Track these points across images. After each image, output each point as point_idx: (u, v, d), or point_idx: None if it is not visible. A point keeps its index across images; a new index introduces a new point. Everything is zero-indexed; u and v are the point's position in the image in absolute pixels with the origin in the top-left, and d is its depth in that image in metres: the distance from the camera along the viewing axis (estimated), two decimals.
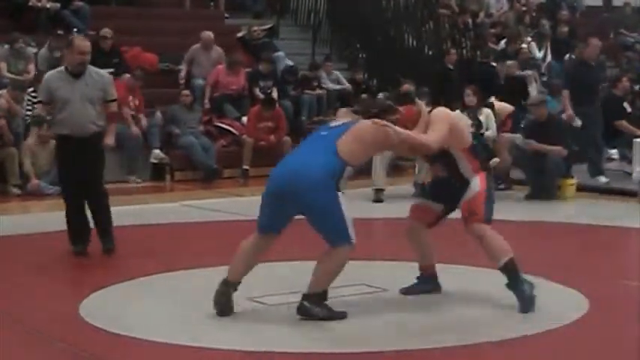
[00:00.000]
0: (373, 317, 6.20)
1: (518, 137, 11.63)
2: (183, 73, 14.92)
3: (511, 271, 6.28)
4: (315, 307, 5.98)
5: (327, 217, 5.94)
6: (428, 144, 6.15)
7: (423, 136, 6.17)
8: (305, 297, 6.03)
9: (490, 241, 6.33)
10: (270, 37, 16.72)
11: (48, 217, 9.87)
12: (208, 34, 15.15)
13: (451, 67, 16.24)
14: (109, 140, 8.19)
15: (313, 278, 6.05)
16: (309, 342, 5.64)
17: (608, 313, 6.35)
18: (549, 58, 18.19)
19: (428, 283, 6.74)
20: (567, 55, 18.07)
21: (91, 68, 8.11)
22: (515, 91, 13.14)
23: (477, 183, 6.37)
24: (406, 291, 6.71)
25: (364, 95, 15.61)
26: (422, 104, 6.46)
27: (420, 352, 5.49)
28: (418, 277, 6.75)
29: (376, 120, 6.07)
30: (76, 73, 7.96)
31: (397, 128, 6.07)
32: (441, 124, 6.20)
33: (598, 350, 5.61)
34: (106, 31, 14.22)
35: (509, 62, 15.25)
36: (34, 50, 13.87)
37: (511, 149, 11.87)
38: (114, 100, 8.24)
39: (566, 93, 12.38)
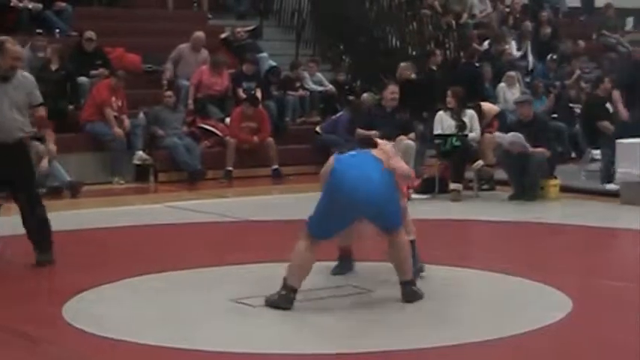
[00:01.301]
0: (360, 318, 6.21)
1: (502, 137, 11.64)
2: (169, 74, 14.84)
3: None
4: (418, 288, 6.56)
5: (395, 207, 6.59)
6: (411, 174, 6.93)
7: (405, 167, 6.84)
8: (409, 282, 6.53)
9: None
10: (254, 38, 16.71)
11: None
12: (200, 35, 15.10)
13: (434, 67, 16.27)
14: (53, 147, 7.86)
15: (402, 267, 6.53)
16: (298, 343, 5.64)
17: (591, 313, 6.38)
18: (530, 58, 18.23)
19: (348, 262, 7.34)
20: (549, 56, 18.13)
21: (19, 71, 7.76)
22: (409, 95, 12.79)
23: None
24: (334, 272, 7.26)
25: (351, 97, 15.63)
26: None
27: (406, 352, 5.49)
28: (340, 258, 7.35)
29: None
30: (5, 77, 7.64)
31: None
32: (396, 156, 6.81)
33: (580, 350, 5.63)
34: (91, 34, 14.19)
35: (402, 64, 14.36)
36: None
37: (494, 150, 11.90)
38: (41, 104, 7.92)
39: (617, 94, 12.26)
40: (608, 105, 13.99)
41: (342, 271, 7.32)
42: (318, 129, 14.38)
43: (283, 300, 6.31)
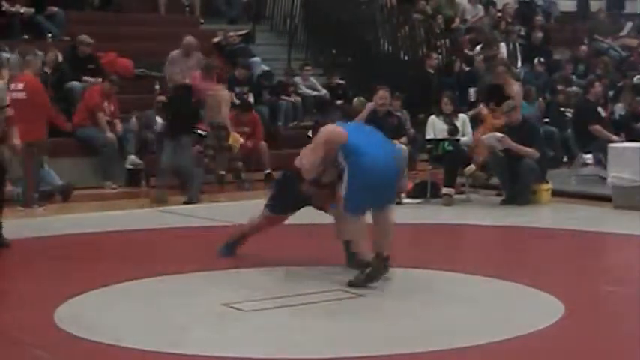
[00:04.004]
0: (352, 322, 6.21)
1: (492, 136, 11.64)
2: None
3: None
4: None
5: None
6: None
7: None
8: (387, 257, 6.94)
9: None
10: (246, 42, 16.72)
11: (20, 224, 9.81)
12: (190, 40, 15.07)
13: (432, 71, 16.28)
14: (18, 142, 8.75)
15: (388, 241, 6.99)
16: (289, 347, 5.63)
17: (583, 317, 6.38)
18: (519, 62, 18.24)
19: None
20: (537, 59, 18.15)
21: None
22: (181, 103, 12.23)
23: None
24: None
25: (340, 102, 15.67)
26: None
27: (398, 357, 5.49)
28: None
29: None
30: None
31: None
32: None
33: (572, 354, 5.63)
34: (88, 38, 14.17)
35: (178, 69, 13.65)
36: (8, 55, 13.79)
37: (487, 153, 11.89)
38: (8, 106, 8.72)
39: None
40: (600, 109, 14.04)
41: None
42: (310, 134, 14.37)
43: (378, 272, 6.89)
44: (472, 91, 15.22)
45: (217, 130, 13.05)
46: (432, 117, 12.16)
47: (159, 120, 13.12)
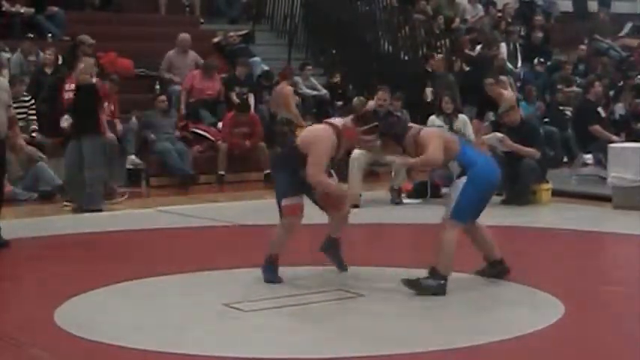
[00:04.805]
0: (352, 322, 6.21)
1: (493, 136, 11.64)
2: (178, 87, 14.78)
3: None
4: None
5: None
6: None
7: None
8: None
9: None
10: (247, 42, 16.73)
11: (20, 224, 9.81)
12: (184, 36, 15.12)
13: (431, 70, 16.27)
14: (21, 141, 9.08)
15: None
16: (288, 347, 5.63)
17: (583, 317, 6.39)
18: (520, 63, 18.24)
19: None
20: (537, 59, 18.15)
21: None
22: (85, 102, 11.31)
23: None
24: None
25: (339, 102, 15.66)
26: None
27: (398, 356, 5.49)
28: None
29: None
30: None
31: None
32: None
33: (571, 355, 5.63)
34: (87, 38, 14.15)
35: (82, 65, 11.81)
36: (8, 55, 13.79)
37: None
38: (10, 106, 8.87)
39: None
40: (600, 109, 14.04)
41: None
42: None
43: (442, 289, 6.75)
44: (429, 91, 15.20)
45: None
46: (432, 117, 12.16)
47: (67, 118, 12.41)
